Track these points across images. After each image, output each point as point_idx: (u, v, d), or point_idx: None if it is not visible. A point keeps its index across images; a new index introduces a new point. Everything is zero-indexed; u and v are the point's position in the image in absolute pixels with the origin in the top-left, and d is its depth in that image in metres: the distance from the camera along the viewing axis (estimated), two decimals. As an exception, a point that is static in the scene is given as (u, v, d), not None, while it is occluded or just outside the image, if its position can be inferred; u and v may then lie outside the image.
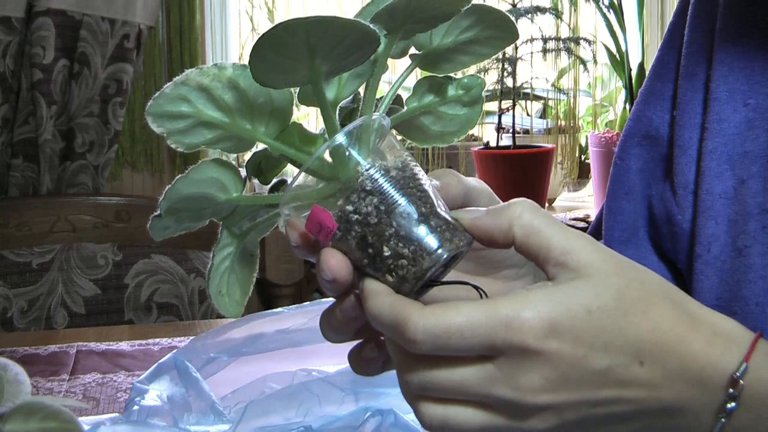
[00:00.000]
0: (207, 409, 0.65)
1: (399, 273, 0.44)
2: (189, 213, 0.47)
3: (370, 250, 0.44)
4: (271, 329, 0.76)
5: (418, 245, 0.44)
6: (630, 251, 0.74)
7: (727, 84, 0.64)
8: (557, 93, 2.28)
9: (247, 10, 2.15)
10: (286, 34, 0.40)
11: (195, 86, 0.43)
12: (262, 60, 0.41)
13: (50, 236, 1.52)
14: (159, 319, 1.60)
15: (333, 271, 0.44)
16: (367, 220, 0.44)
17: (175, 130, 0.44)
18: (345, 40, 0.42)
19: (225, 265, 0.49)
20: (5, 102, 1.71)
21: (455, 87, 0.51)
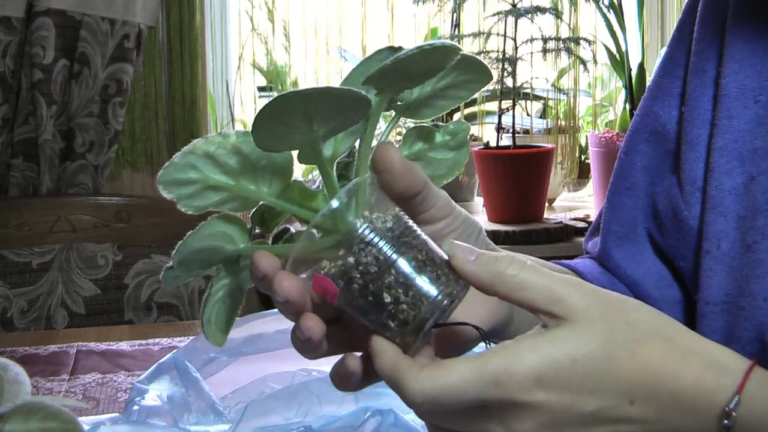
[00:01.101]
0: (207, 409, 0.65)
1: (400, 317, 0.46)
2: (199, 263, 0.50)
3: (371, 298, 0.46)
4: (271, 329, 0.76)
5: (416, 292, 0.46)
6: (627, 246, 0.74)
7: (738, 81, 0.64)
8: (557, 93, 2.28)
9: (247, 10, 2.15)
10: (285, 104, 0.44)
11: (202, 154, 0.46)
12: (264, 129, 0.45)
13: (50, 236, 1.52)
14: (159, 319, 1.60)
15: (285, 293, 0.46)
16: (368, 269, 0.46)
17: (185, 195, 0.47)
18: (339, 107, 0.45)
19: (219, 295, 0.51)
20: (5, 102, 1.71)
21: (442, 134, 0.54)
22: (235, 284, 0.52)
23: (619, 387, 0.46)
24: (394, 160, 0.49)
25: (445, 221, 0.54)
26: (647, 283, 0.73)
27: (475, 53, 2.05)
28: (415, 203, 0.52)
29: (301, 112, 0.44)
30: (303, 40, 2.20)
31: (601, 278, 0.74)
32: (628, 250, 0.74)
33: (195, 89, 1.93)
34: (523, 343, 0.46)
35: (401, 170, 0.50)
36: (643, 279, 0.73)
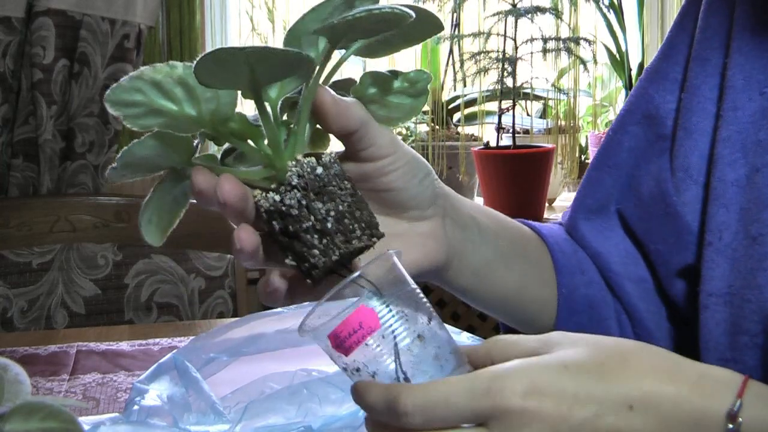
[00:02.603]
0: (207, 409, 0.65)
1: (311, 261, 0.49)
2: (144, 168, 0.53)
3: (289, 238, 0.50)
4: (271, 329, 0.76)
5: (330, 240, 0.49)
6: (597, 221, 0.74)
7: (744, 72, 0.64)
8: (557, 93, 2.28)
9: (247, 10, 2.15)
10: (228, 56, 0.46)
11: (148, 80, 0.48)
12: (207, 70, 0.47)
13: (50, 236, 1.52)
14: (159, 319, 1.60)
15: (224, 196, 0.49)
16: (289, 211, 0.49)
17: (131, 114, 0.49)
18: (282, 66, 0.48)
19: (161, 200, 0.54)
20: (5, 102, 1.71)
21: (401, 80, 0.56)
22: (180, 190, 0.54)
23: (615, 393, 0.45)
24: (326, 103, 0.52)
25: (387, 160, 0.55)
26: (612, 257, 0.73)
27: (475, 53, 2.05)
28: (353, 141, 0.54)
29: (244, 63, 0.47)
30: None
31: (563, 244, 0.74)
32: (598, 225, 0.74)
33: (195, 89, 1.93)
34: (514, 360, 0.47)
35: (333, 112, 0.52)
36: (608, 252, 0.73)
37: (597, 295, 0.72)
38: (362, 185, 0.56)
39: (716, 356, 0.61)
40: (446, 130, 2.30)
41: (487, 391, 0.44)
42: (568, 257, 0.72)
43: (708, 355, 0.62)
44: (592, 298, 0.71)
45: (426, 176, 0.58)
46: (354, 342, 0.47)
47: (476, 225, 0.65)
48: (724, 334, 0.60)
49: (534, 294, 0.70)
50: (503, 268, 0.67)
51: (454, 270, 0.63)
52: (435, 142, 2.24)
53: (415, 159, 0.57)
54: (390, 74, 0.55)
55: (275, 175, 0.51)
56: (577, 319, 0.71)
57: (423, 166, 0.58)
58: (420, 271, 0.60)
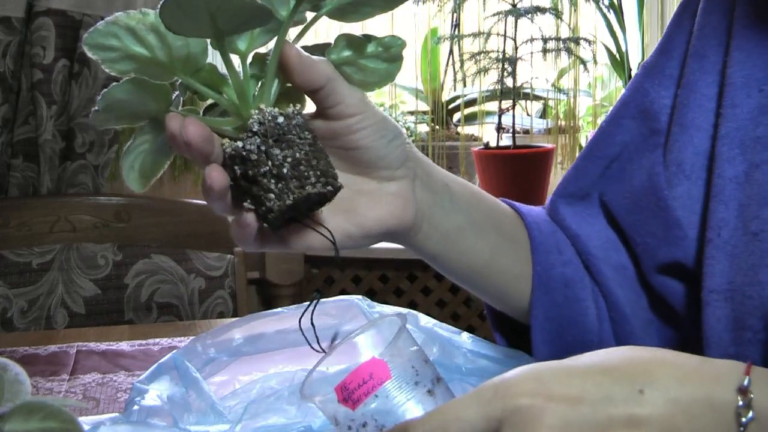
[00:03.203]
0: (207, 409, 0.65)
1: (267, 204, 0.52)
2: (126, 114, 0.55)
3: (248, 182, 0.53)
4: (272, 329, 0.76)
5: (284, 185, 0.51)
6: (578, 207, 0.75)
7: (744, 70, 0.65)
8: (557, 93, 2.28)
9: (247, 10, 2.15)
10: (189, 1, 0.48)
11: (123, 26, 0.51)
12: (171, 16, 0.49)
13: (50, 236, 1.52)
14: (159, 319, 1.60)
15: (189, 136, 0.52)
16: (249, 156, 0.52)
17: (108, 59, 0.51)
18: (241, 14, 0.50)
19: (144, 147, 0.56)
20: (5, 102, 1.71)
21: (375, 45, 0.58)
22: (162, 140, 0.56)
23: (623, 380, 0.44)
24: (291, 57, 0.54)
25: (356, 118, 0.57)
26: (591, 240, 0.73)
27: (475, 53, 2.05)
28: (321, 97, 0.56)
29: (205, 10, 0.49)
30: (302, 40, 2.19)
31: (542, 224, 0.74)
32: (580, 210, 0.74)
33: (195, 89, 1.93)
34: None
35: (298, 66, 0.55)
36: (588, 236, 0.73)
37: (574, 276, 0.72)
38: (332, 143, 0.58)
39: (719, 352, 0.61)
40: (446, 130, 2.30)
41: (494, 395, 0.44)
42: (546, 236, 0.73)
43: (711, 351, 0.62)
44: (568, 277, 0.71)
45: (396, 137, 0.60)
46: (363, 393, 0.47)
47: (448, 192, 0.66)
48: (726, 330, 0.61)
49: (505, 267, 0.70)
50: (474, 237, 0.68)
51: (422, 234, 0.65)
52: (435, 142, 2.24)
53: (384, 120, 0.59)
54: (364, 38, 0.58)
55: (242, 124, 0.53)
56: (552, 297, 0.71)
57: (392, 127, 0.60)
58: (387, 228, 0.61)
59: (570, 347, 0.71)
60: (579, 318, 0.71)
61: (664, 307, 0.70)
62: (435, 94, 2.32)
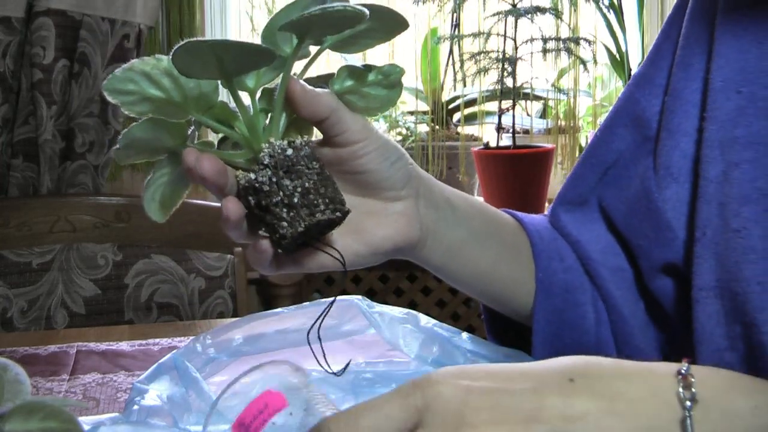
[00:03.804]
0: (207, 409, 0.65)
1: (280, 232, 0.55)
2: (145, 150, 0.58)
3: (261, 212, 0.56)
4: (272, 329, 0.76)
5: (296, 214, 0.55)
6: (578, 213, 0.78)
7: (722, 74, 0.67)
8: (557, 93, 2.28)
9: (247, 10, 2.15)
10: (195, 47, 0.52)
11: (139, 72, 0.55)
12: (181, 61, 0.53)
13: (50, 236, 1.52)
14: (159, 319, 1.60)
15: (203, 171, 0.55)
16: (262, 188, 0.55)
17: (127, 102, 0.55)
18: (244, 57, 0.54)
19: (163, 179, 0.59)
20: (5, 102, 1.71)
21: (375, 73, 0.61)
22: (180, 172, 0.59)
23: (553, 370, 0.44)
24: (296, 92, 0.58)
25: (359, 144, 0.60)
26: (591, 245, 0.75)
27: (475, 53, 2.05)
28: (326, 126, 0.60)
29: (212, 54, 0.52)
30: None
31: (543, 231, 0.77)
32: (579, 217, 0.77)
33: (195, 89, 1.93)
34: None
35: (303, 100, 0.58)
36: (588, 241, 0.75)
37: (575, 281, 0.74)
38: (338, 168, 0.61)
39: (711, 347, 0.62)
40: (446, 130, 2.30)
41: (413, 387, 0.43)
42: (547, 243, 0.75)
43: (702, 347, 0.63)
44: (569, 283, 0.74)
45: (398, 159, 0.63)
46: (260, 423, 0.49)
47: (450, 206, 0.69)
48: (718, 325, 0.62)
49: (507, 274, 0.73)
50: (477, 248, 0.71)
51: (428, 248, 0.67)
52: (435, 142, 2.24)
53: (386, 143, 0.62)
54: (364, 68, 0.61)
55: (254, 156, 0.57)
56: (553, 302, 0.73)
57: (394, 150, 0.63)
58: (395, 246, 0.64)
59: (567, 348, 0.73)
60: (578, 321, 0.73)
61: (658, 308, 0.72)
62: (435, 94, 2.32)
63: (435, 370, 0.44)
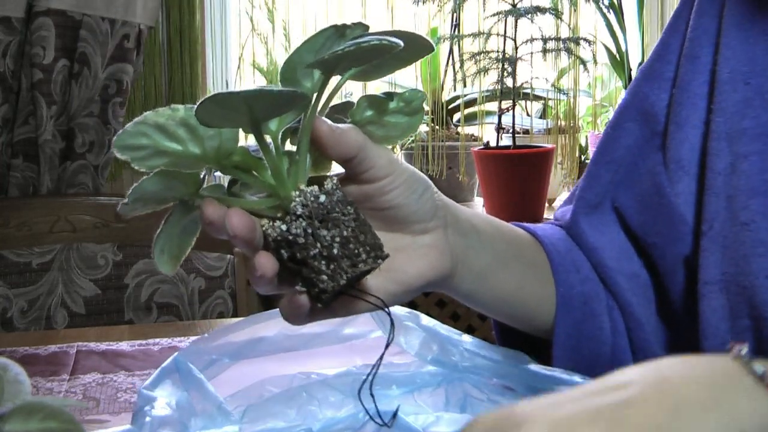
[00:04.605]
0: (213, 411, 0.65)
1: (320, 286, 0.51)
2: (154, 201, 0.54)
3: (297, 265, 0.52)
4: (273, 331, 0.76)
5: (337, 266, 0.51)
6: (594, 216, 0.76)
7: (729, 66, 0.67)
8: (557, 93, 2.28)
9: (247, 10, 2.15)
10: (227, 98, 0.48)
11: (152, 124, 0.51)
12: (208, 113, 0.49)
13: (50, 236, 1.52)
14: (159, 319, 1.60)
15: (233, 228, 0.51)
16: (296, 240, 0.51)
17: (138, 157, 0.51)
18: (277, 104, 0.51)
19: (173, 231, 0.56)
20: (5, 102, 1.71)
21: (397, 100, 0.58)
22: (189, 220, 0.56)
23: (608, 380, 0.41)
24: (323, 133, 0.54)
25: (386, 180, 0.57)
26: (606, 252, 0.74)
27: (475, 53, 2.05)
28: (353, 165, 0.56)
29: (243, 104, 0.49)
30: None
31: (558, 243, 0.75)
32: (595, 220, 0.76)
33: (195, 89, 1.93)
34: None
35: (331, 141, 0.55)
36: (603, 247, 0.74)
37: (591, 291, 0.74)
38: (365, 205, 0.58)
39: (716, 342, 0.62)
40: (446, 130, 2.30)
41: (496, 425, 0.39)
42: (563, 256, 0.74)
43: (707, 342, 0.63)
44: (586, 294, 0.73)
45: (425, 191, 0.60)
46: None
47: (475, 231, 0.66)
48: (723, 319, 0.62)
49: (531, 293, 0.72)
50: (502, 270, 0.69)
51: (458, 276, 0.65)
52: (435, 142, 2.24)
53: (413, 176, 0.59)
54: (385, 96, 0.58)
55: (280, 203, 0.53)
56: (573, 315, 0.72)
57: (422, 181, 0.60)
58: (427, 281, 0.61)
59: (585, 359, 0.72)
60: (595, 332, 0.73)
61: (666, 307, 0.72)
62: (435, 94, 2.32)
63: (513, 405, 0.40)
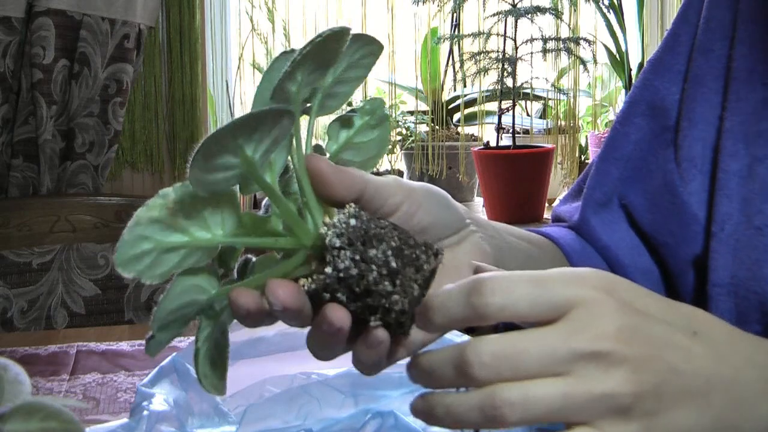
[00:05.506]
0: (210, 411, 0.65)
1: (396, 309, 0.45)
2: (177, 323, 0.49)
3: (360, 301, 0.45)
4: (272, 332, 0.76)
5: (403, 277, 0.45)
6: (604, 213, 0.75)
7: (747, 63, 0.65)
8: (557, 93, 2.28)
9: (247, 10, 2.15)
10: (215, 143, 0.43)
11: (147, 222, 0.45)
12: (201, 176, 0.44)
13: (50, 236, 1.52)
14: (159, 319, 1.60)
15: (281, 301, 0.44)
16: (349, 273, 0.45)
17: (144, 268, 0.45)
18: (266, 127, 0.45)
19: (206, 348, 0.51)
20: (5, 102, 1.71)
21: (360, 116, 0.54)
22: (218, 330, 0.51)
23: (680, 312, 0.44)
24: (323, 170, 0.48)
25: (405, 205, 0.52)
26: (620, 249, 0.73)
27: (475, 53, 2.05)
28: (364, 202, 0.50)
29: (232, 142, 0.44)
30: (303, 40, 2.19)
31: (573, 243, 0.74)
32: (605, 218, 0.75)
33: (195, 89, 1.93)
34: None
35: (334, 176, 0.49)
36: (616, 245, 0.73)
37: None
38: None
39: None
40: (446, 130, 2.30)
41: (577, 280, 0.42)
42: (579, 255, 0.73)
43: None
44: None
45: (444, 198, 0.55)
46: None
47: (498, 233, 0.63)
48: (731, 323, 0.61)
49: None
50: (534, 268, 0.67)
51: None
52: (435, 142, 2.24)
53: (426, 189, 0.54)
54: (349, 113, 0.54)
55: (311, 252, 0.47)
56: None
57: (436, 191, 0.55)
58: None
59: None
60: None
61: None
62: (435, 94, 2.32)
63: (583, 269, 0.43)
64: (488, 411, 0.41)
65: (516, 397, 0.40)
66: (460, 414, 0.41)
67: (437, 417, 0.42)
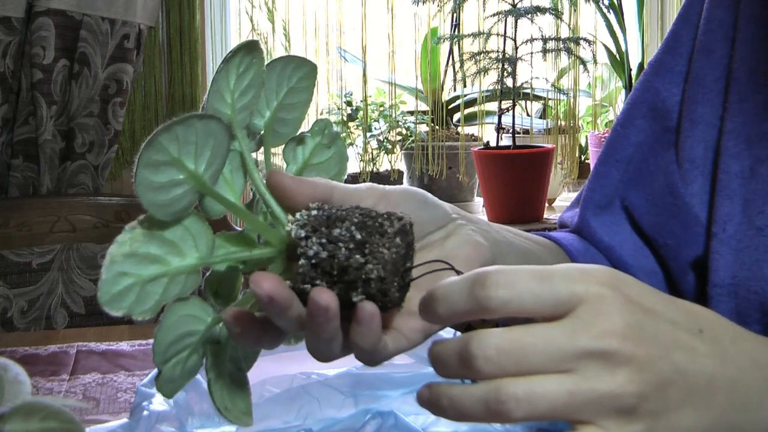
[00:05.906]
0: (210, 411, 0.65)
1: (373, 277, 0.45)
2: (181, 356, 0.49)
3: (337, 281, 0.46)
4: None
5: (371, 245, 0.46)
6: (605, 216, 0.75)
7: (749, 64, 0.64)
8: (557, 93, 2.28)
9: (247, 10, 2.15)
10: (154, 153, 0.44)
11: (121, 259, 0.45)
12: (151, 198, 0.45)
13: (50, 236, 1.52)
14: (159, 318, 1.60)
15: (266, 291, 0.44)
16: (320, 258, 0.46)
17: (131, 304, 0.46)
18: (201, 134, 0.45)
19: (221, 381, 0.51)
20: (5, 102, 1.71)
21: (312, 137, 0.54)
22: (231, 362, 0.51)
23: (685, 311, 0.44)
24: (284, 183, 0.49)
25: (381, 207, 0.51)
26: (623, 250, 0.73)
27: (475, 53, 2.05)
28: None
29: (170, 154, 0.45)
30: (303, 40, 2.20)
31: (576, 243, 0.74)
32: (606, 220, 0.74)
33: (195, 89, 1.93)
34: None
35: (295, 186, 0.49)
36: (620, 246, 0.73)
37: None
38: None
39: None
40: (446, 130, 2.30)
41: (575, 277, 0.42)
42: (583, 254, 0.73)
43: None
44: None
45: (423, 195, 0.54)
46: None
47: (493, 229, 0.62)
48: None
49: None
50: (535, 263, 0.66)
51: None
52: (435, 143, 2.24)
53: (403, 189, 0.53)
54: (300, 135, 0.54)
55: (287, 259, 0.48)
56: None
57: (414, 191, 0.54)
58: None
59: None
60: None
61: None
62: (435, 94, 2.32)
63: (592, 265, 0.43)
64: (493, 405, 0.40)
65: (522, 392, 0.40)
66: (464, 406, 0.41)
67: (441, 408, 0.42)
